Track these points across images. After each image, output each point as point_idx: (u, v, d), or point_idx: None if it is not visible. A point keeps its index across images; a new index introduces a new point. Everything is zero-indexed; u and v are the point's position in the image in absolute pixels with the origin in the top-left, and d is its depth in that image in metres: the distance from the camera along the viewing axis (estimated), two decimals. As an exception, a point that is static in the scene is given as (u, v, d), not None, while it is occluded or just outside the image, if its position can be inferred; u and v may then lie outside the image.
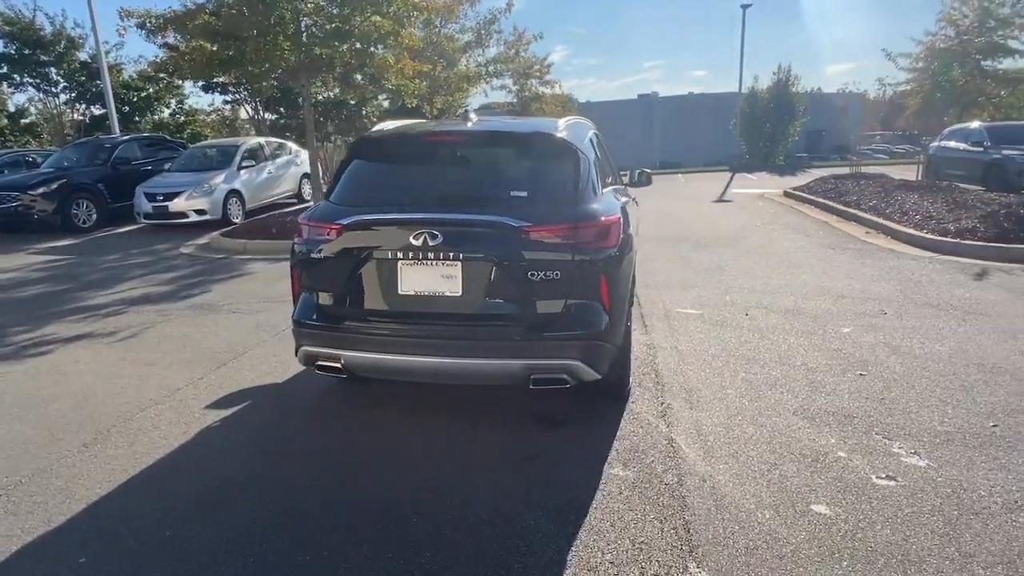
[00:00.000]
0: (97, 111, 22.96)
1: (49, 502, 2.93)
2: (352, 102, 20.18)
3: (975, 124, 15.74)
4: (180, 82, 22.23)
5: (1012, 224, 8.49)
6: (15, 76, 21.42)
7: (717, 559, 2.44)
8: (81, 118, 23.51)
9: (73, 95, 22.51)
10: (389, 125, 4.11)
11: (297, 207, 13.48)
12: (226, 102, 23.87)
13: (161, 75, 20.77)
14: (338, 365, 3.39)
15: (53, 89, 22.22)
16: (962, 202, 10.45)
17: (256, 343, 5.22)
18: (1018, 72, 25.03)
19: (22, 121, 24.13)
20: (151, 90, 22.69)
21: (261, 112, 21.27)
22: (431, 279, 3.21)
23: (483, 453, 3.32)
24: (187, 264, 9.07)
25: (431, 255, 3.16)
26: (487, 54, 18.08)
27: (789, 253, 8.61)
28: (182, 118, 24.32)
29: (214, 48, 10.19)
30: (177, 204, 11.51)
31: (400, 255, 3.20)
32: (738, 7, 30.68)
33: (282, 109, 23.96)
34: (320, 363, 3.47)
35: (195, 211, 11.61)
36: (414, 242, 3.16)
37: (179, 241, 10.77)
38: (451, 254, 3.15)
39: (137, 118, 22.37)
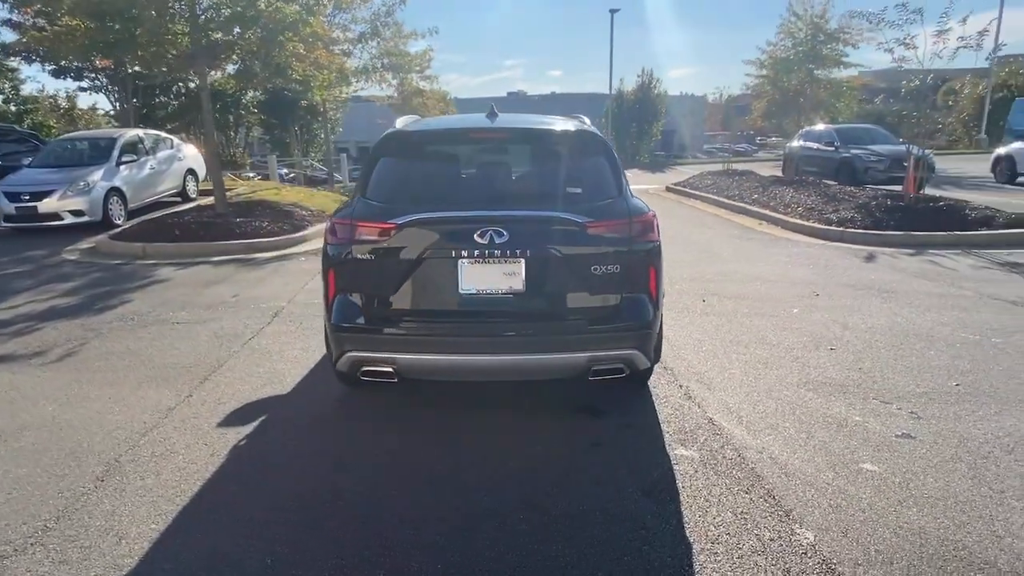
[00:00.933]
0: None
1: (100, 544, 2.57)
2: (230, 93, 18.71)
3: (826, 126, 17.91)
4: (15, 65, 19.33)
5: (883, 214, 9.83)
6: None
7: (813, 519, 2.70)
8: None
9: None
10: (409, 120, 3.97)
11: (186, 207, 12.37)
12: (82, 89, 21.08)
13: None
14: (389, 369, 3.28)
15: None
16: (832, 195, 11.90)
17: (228, 355, 4.81)
18: (843, 81, 28.69)
19: None
20: (-25, 73, 19.53)
21: (126, 101, 19.00)
22: (493, 277, 3.20)
23: (547, 446, 3.37)
24: (80, 272, 8.03)
25: (498, 252, 3.15)
26: (382, 46, 17.54)
27: (704, 243, 9.35)
28: (14, 107, 21.10)
29: (92, 27, 9.04)
30: (49, 204, 10.10)
31: (464, 253, 3.16)
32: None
33: (136, 100, 21.65)
34: (367, 369, 3.32)
35: (71, 212, 10.25)
36: (479, 240, 3.13)
37: (55, 246, 9.47)
38: (515, 251, 3.16)
39: (-40, 105, 19.17)
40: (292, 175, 22.91)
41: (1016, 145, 17.13)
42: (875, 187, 13.43)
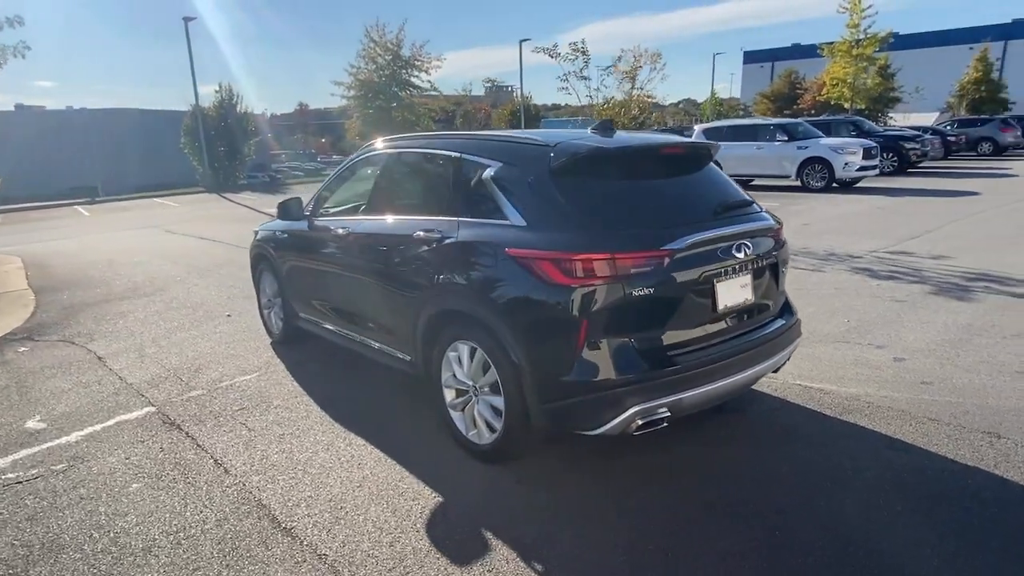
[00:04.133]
0: None
1: None
2: None
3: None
4: None
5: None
6: None
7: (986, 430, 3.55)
8: None
9: None
10: (561, 136, 3.33)
11: None
12: None
13: None
14: (665, 414, 2.89)
15: None
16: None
17: (246, 495, 3.10)
18: (421, 103, 32.14)
19: None
20: None
21: None
22: (736, 291, 3.23)
23: (747, 475, 3.26)
24: None
25: (750, 266, 3.22)
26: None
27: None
28: None
29: None
30: None
31: (731, 270, 3.12)
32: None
33: None
34: (645, 420, 2.84)
35: None
36: (737, 255, 3.15)
37: None
38: (753, 263, 3.26)
39: None
40: None
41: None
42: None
